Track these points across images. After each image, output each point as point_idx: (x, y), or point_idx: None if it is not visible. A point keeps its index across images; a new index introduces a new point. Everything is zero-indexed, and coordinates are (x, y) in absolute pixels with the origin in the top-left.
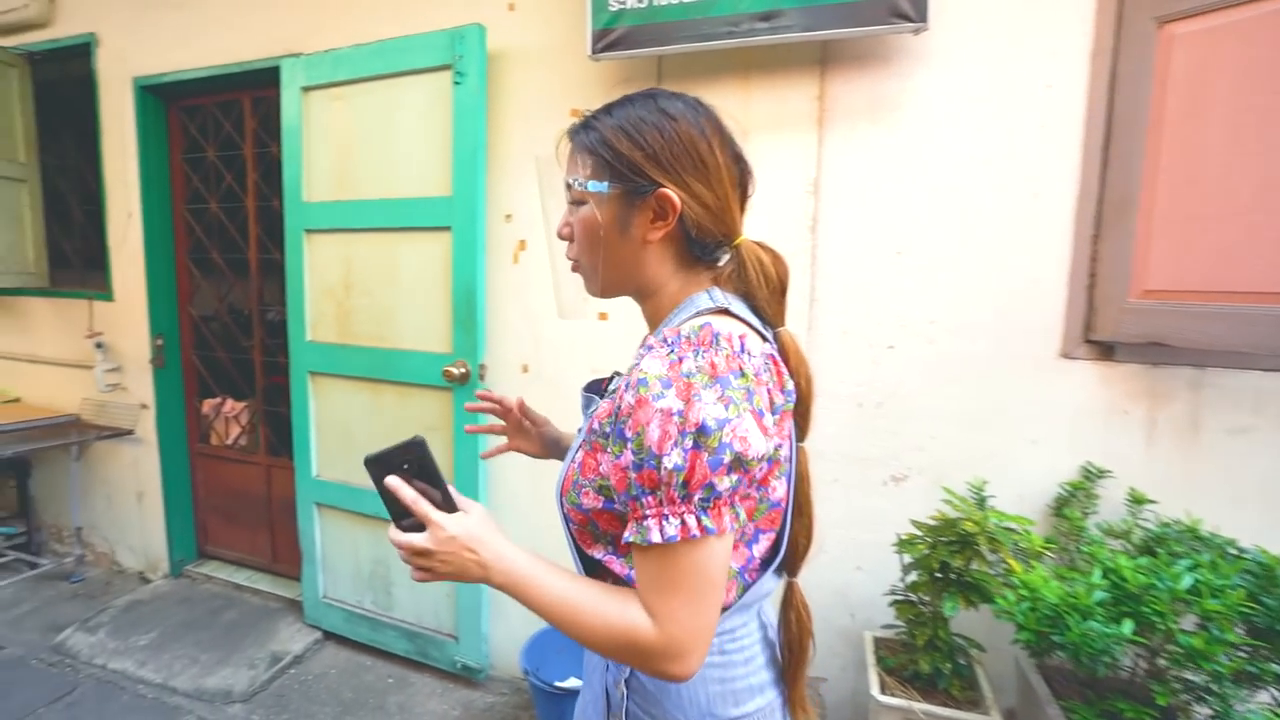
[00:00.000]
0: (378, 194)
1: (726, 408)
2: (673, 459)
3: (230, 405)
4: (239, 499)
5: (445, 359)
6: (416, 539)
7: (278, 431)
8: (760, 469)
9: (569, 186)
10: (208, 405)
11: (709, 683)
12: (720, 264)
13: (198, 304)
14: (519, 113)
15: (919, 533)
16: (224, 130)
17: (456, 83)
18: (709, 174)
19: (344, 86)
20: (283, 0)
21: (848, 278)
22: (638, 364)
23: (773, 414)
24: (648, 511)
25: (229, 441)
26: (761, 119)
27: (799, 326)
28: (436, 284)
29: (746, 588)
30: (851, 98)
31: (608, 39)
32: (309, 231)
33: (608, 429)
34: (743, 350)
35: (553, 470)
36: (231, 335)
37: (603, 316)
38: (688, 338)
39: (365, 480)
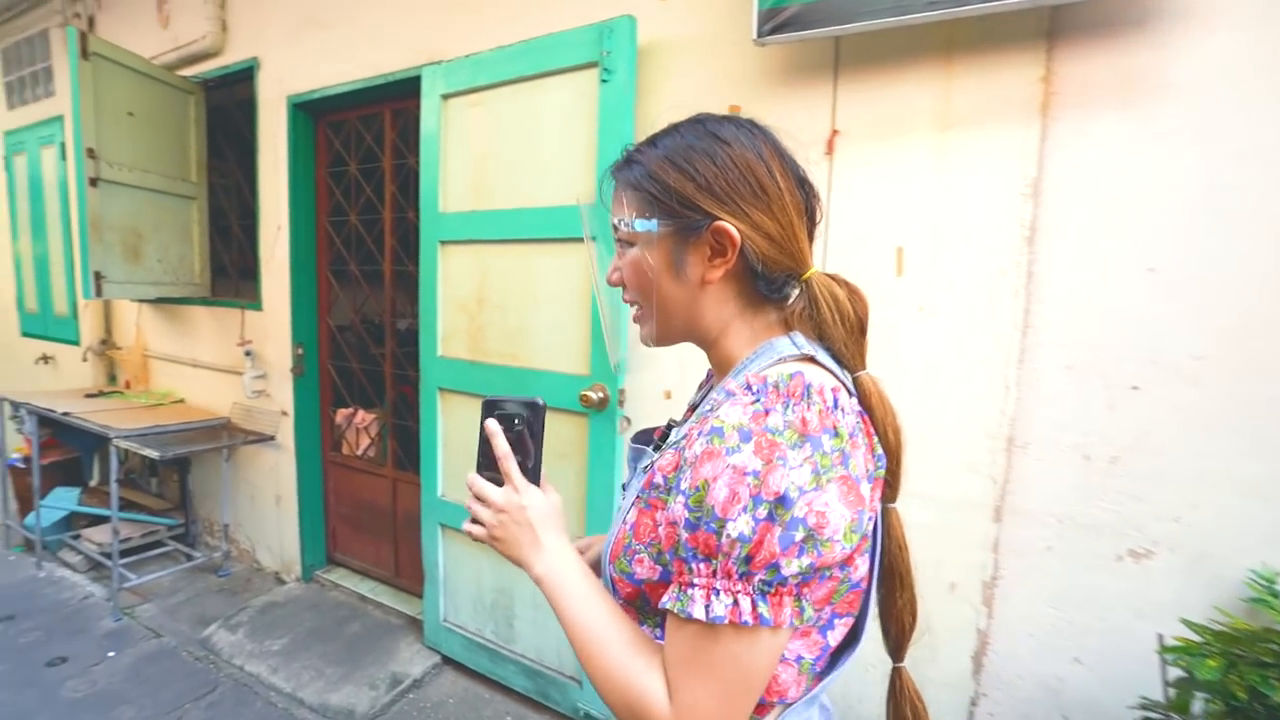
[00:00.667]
0: (514, 203)
1: (814, 474)
2: (739, 526)
3: (361, 416)
4: (366, 509)
5: (582, 382)
6: (490, 489)
7: (405, 445)
8: (838, 552)
9: (615, 228)
10: (340, 415)
11: None
12: (789, 302)
13: (335, 315)
14: (667, 110)
15: (1199, 637)
16: (365, 143)
17: (604, 80)
18: (770, 201)
19: (483, 92)
20: (424, 9)
21: (1076, 300)
22: (714, 411)
23: (868, 482)
24: (696, 580)
25: (359, 452)
26: (965, 110)
27: (1006, 357)
28: (575, 301)
29: (818, 678)
30: (1091, 76)
31: (776, 19)
32: (444, 243)
33: (671, 486)
34: (836, 406)
35: None
36: (364, 346)
37: None
38: (775, 386)
39: None
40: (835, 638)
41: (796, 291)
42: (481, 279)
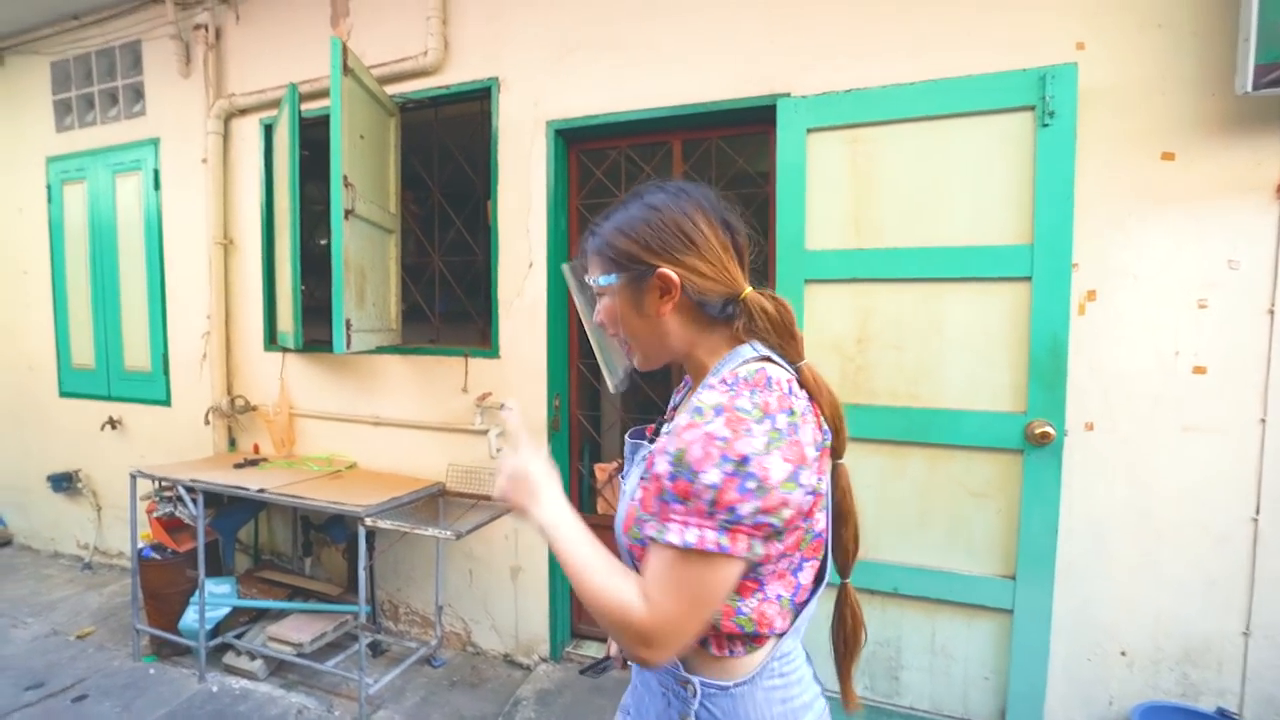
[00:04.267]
0: (912, 242)
1: (767, 443)
2: (710, 476)
3: None
4: None
5: (1016, 419)
6: (506, 459)
7: None
8: (776, 498)
9: (593, 285)
10: (602, 471)
11: (773, 704)
12: (736, 319)
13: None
14: (1087, 155)
15: None
16: (640, 174)
17: (1044, 125)
18: (698, 247)
19: (866, 128)
20: (764, 42)
21: None
22: (696, 397)
23: (815, 449)
24: (674, 516)
25: None
26: None
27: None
28: (1001, 338)
29: (797, 613)
30: None
31: (1274, 73)
32: (811, 281)
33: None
34: (790, 393)
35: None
36: (625, 395)
37: (1199, 370)
38: (745, 379)
39: (873, 552)
40: (806, 577)
41: (736, 309)
42: (863, 318)
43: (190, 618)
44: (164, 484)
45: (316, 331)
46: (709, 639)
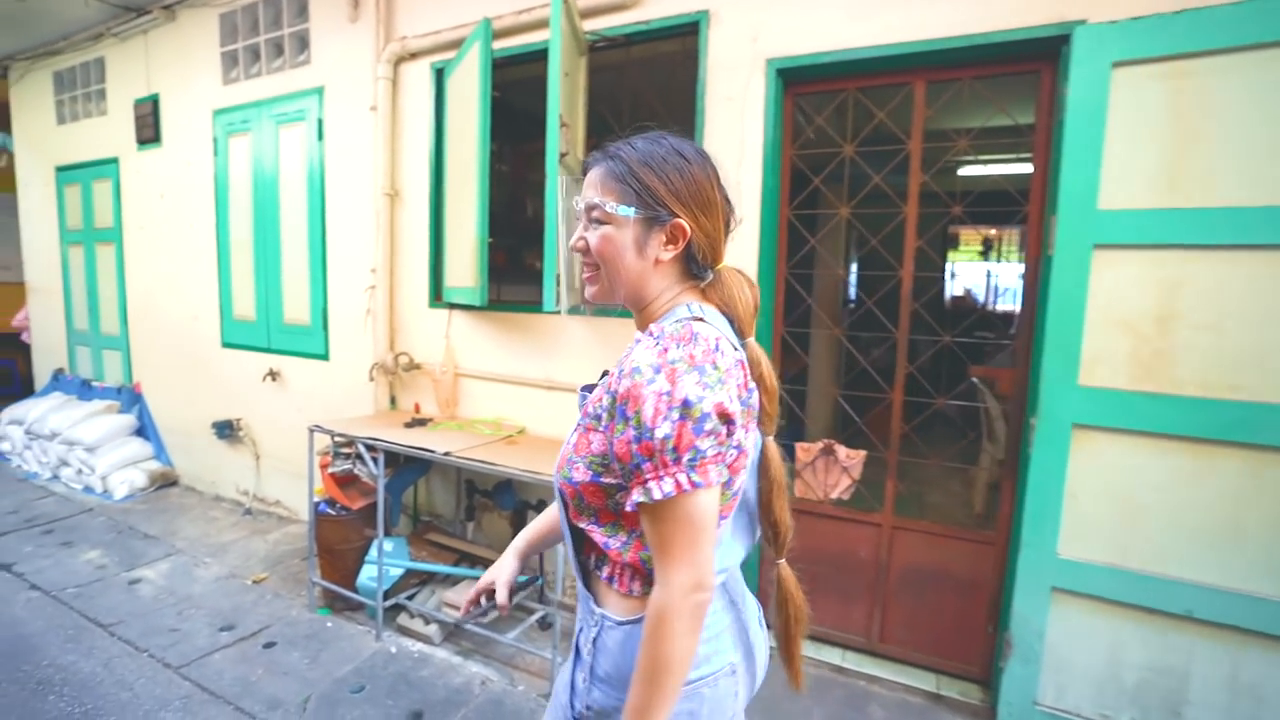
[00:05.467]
0: (1251, 200)
1: (702, 386)
2: (663, 429)
3: (847, 454)
4: (829, 562)
5: None
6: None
7: (915, 488)
8: (726, 428)
9: (591, 207)
10: (804, 450)
11: None
12: (705, 281)
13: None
14: None
15: None
16: (868, 122)
17: None
18: (711, 210)
19: (1198, 59)
20: None
21: None
22: (629, 355)
23: (741, 405)
24: (648, 476)
25: (830, 495)
26: None
27: None
28: None
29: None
30: None
31: None
32: (1101, 247)
33: (600, 412)
34: (716, 349)
35: None
36: (836, 368)
37: None
38: (671, 334)
39: (1160, 566)
40: (723, 531)
41: (711, 276)
42: (1169, 292)
43: (366, 576)
44: (339, 440)
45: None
46: (615, 574)
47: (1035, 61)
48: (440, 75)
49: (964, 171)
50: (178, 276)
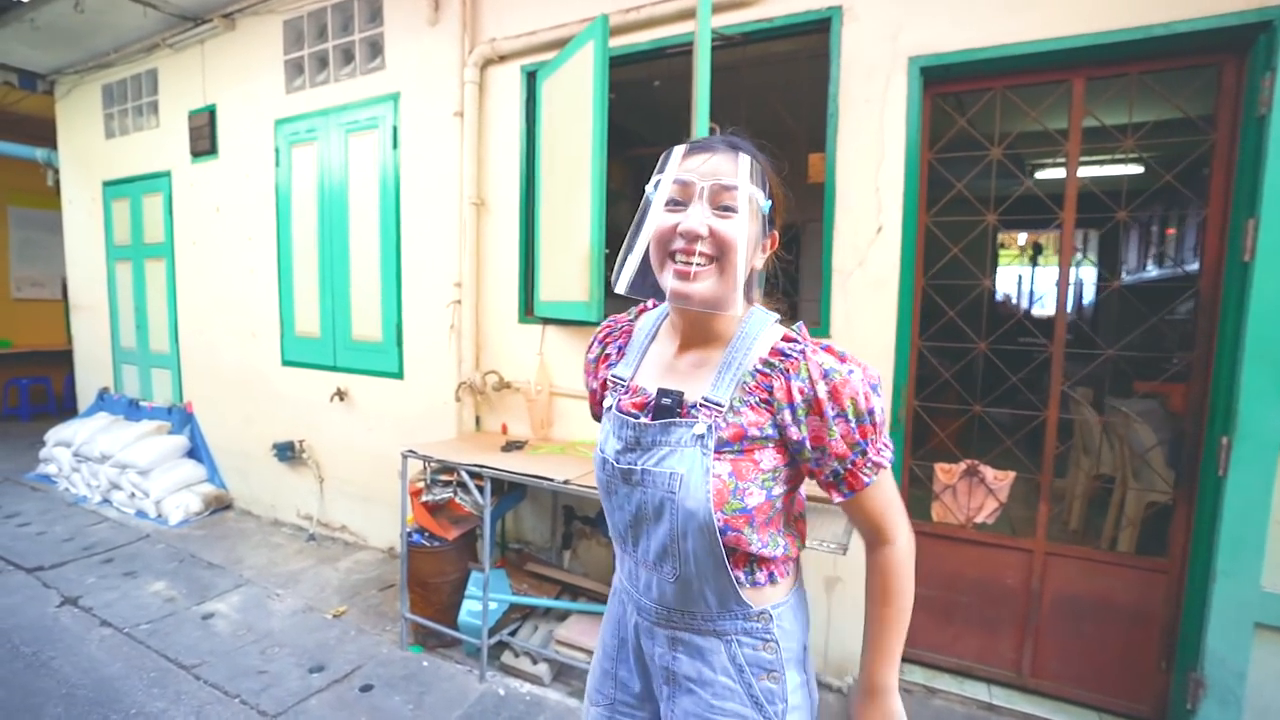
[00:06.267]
0: None
1: (866, 368)
2: (877, 408)
3: (995, 475)
4: (971, 590)
5: None
6: None
7: (1060, 509)
8: None
9: (726, 188)
10: (945, 471)
11: (805, 599)
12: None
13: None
14: None
15: None
16: (1020, 120)
17: None
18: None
19: None
20: None
21: None
22: (797, 363)
23: None
24: (870, 452)
25: (972, 519)
26: None
27: None
28: None
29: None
30: None
31: None
32: None
33: (768, 432)
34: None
35: None
36: (976, 383)
37: None
38: (806, 338)
39: None
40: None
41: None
42: None
43: (468, 612)
44: (435, 466)
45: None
46: (774, 570)
47: (1218, 53)
48: (532, 79)
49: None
50: (234, 292)
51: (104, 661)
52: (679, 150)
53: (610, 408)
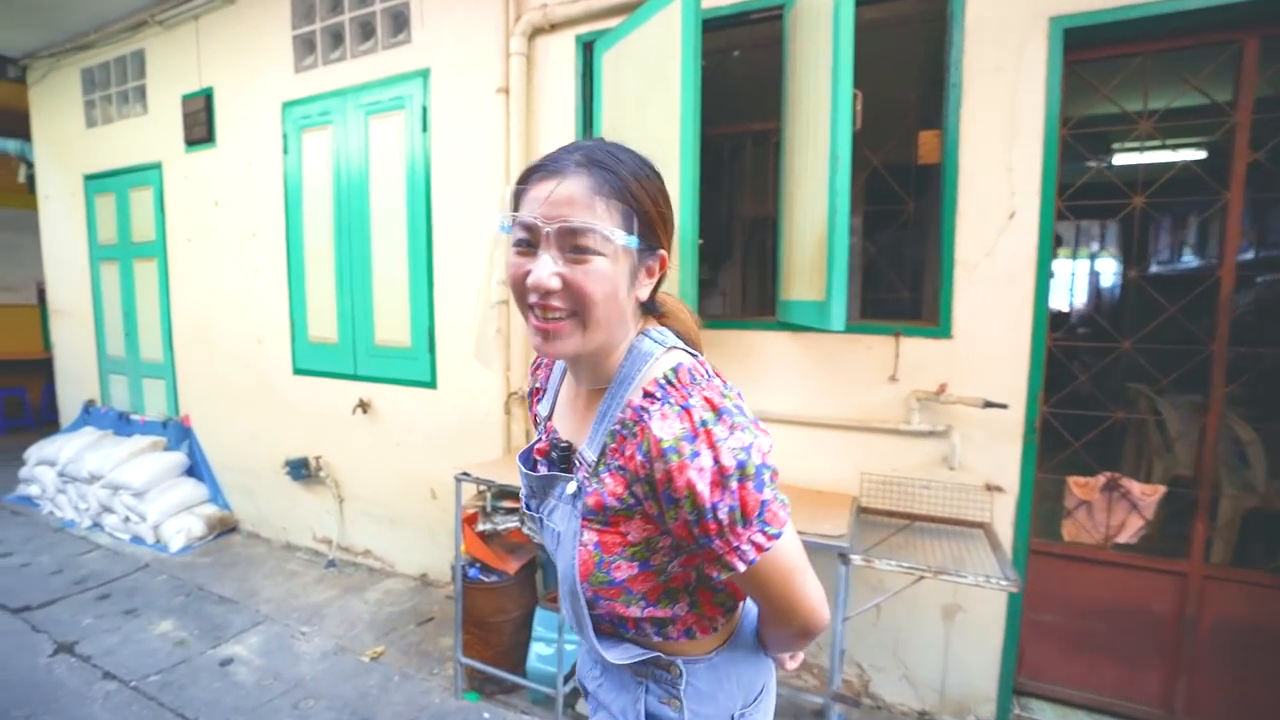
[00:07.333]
0: None
1: (742, 433)
2: (724, 505)
3: (1141, 490)
4: (1107, 617)
5: None
6: None
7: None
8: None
9: (579, 231)
10: (1081, 485)
11: (745, 653)
12: (655, 313)
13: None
14: None
15: None
16: (1176, 89)
17: None
18: (673, 234)
19: None
20: None
21: None
22: (644, 429)
23: None
24: (721, 551)
25: (1112, 539)
26: None
27: None
28: None
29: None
30: None
31: None
32: None
33: (627, 502)
34: (710, 375)
35: None
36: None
37: None
38: (673, 385)
39: None
40: None
41: (658, 307)
42: None
43: (537, 656)
44: (493, 491)
45: None
46: (693, 626)
47: None
48: (588, 50)
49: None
50: (236, 294)
51: None
52: (525, 173)
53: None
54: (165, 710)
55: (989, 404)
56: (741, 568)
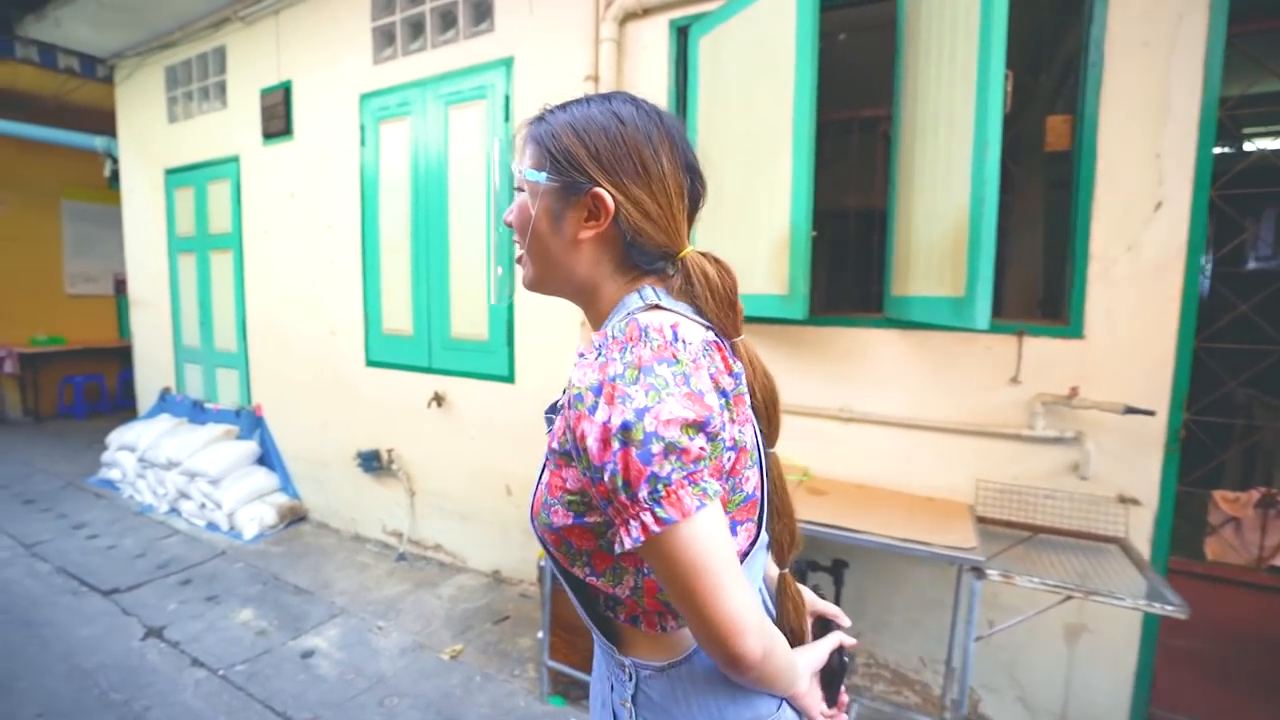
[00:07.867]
0: None
1: (647, 394)
2: (609, 466)
3: None
4: (1258, 647)
5: None
6: None
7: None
8: (696, 447)
9: (515, 175)
10: (1232, 502)
11: (715, 687)
12: (670, 276)
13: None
14: None
15: None
16: None
17: None
18: (651, 180)
19: None
20: None
21: None
22: (571, 375)
23: (720, 395)
24: (615, 521)
25: (1266, 561)
26: None
27: None
28: None
29: None
30: None
31: None
32: None
33: (567, 445)
34: (676, 339)
35: None
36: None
37: None
38: (614, 337)
39: None
40: (741, 542)
41: (674, 269)
42: None
43: None
44: None
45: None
46: (639, 615)
47: None
48: (682, 35)
49: None
50: (310, 286)
51: (205, 715)
52: None
53: None
54: (253, 701)
55: (1131, 410)
56: (627, 544)
